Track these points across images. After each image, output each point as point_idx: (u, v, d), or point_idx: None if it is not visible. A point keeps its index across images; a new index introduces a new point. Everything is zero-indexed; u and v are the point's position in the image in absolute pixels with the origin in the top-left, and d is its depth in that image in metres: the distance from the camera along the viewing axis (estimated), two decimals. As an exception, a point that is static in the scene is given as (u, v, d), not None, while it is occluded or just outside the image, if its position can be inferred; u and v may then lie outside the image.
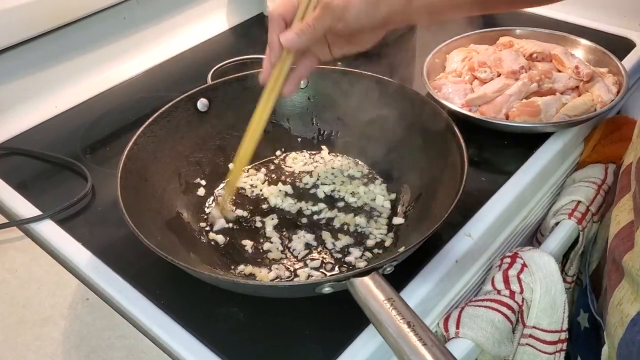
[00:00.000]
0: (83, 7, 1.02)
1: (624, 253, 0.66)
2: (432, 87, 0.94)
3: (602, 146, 0.95)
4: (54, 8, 0.98)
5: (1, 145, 0.96)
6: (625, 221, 0.69)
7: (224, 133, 0.88)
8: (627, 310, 0.65)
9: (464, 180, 0.68)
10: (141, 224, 0.66)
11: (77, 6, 1.01)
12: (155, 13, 1.15)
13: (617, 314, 0.67)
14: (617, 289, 0.67)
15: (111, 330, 0.66)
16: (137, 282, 0.70)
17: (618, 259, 0.67)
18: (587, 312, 0.78)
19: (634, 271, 0.63)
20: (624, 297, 0.66)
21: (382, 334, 0.53)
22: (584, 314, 0.79)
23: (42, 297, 0.70)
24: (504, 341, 0.70)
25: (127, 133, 0.90)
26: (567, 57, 0.96)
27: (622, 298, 0.66)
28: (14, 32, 0.95)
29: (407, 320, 0.52)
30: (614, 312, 0.68)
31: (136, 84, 1.10)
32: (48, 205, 0.81)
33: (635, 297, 0.64)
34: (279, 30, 0.67)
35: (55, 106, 1.03)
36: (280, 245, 0.76)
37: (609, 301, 0.69)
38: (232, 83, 0.88)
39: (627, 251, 0.65)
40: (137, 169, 0.75)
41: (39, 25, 0.97)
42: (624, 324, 0.65)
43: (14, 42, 0.96)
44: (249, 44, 1.20)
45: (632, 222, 0.67)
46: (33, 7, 0.95)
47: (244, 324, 0.66)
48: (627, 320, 0.65)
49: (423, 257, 0.71)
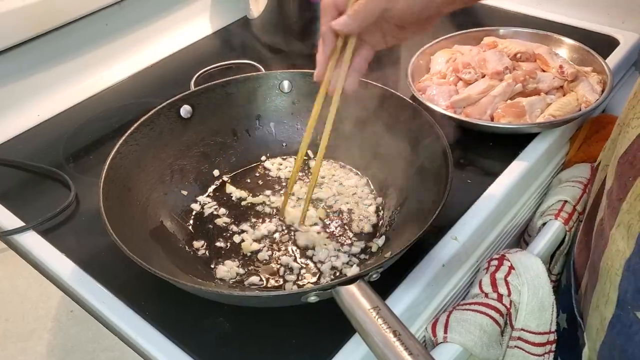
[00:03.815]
0: (64, 14, 1.00)
1: (601, 252, 0.66)
2: (416, 89, 0.93)
3: (588, 145, 0.96)
4: (34, 15, 0.96)
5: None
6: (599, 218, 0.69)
7: (207, 139, 0.87)
8: (604, 313, 0.65)
9: (449, 183, 0.67)
10: (124, 234, 0.65)
11: (58, 13, 0.99)
12: (137, 19, 1.14)
13: (597, 315, 0.67)
14: (595, 290, 0.67)
15: (96, 343, 0.65)
16: (122, 294, 0.70)
17: (596, 259, 0.67)
18: (565, 312, 0.78)
19: (612, 270, 0.63)
20: (600, 299, 0.66)
21: (368, 343, 0.53)
22: (563, 314, 0.79)
23: (26, 310, 0.70)
24: (492, 344, 0.70)
25: (111, 141, 0.89)
26: (551, 57, 0.96)
27: (598, 299, 0.66)
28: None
29: (393, 329, 0.52)
30: (593, 314, 0.68)
31: (119, 91, 1.09)
32: (31, 216, 0.80)
33: (608, 298, 0.64)
34: (332, 19, 0.65)
35: (38, 115, 1.01)
36: (267, 253, 0.75)
37: (589, 302, 0.69)
38: (215, 89, 0.87)
39: (603, 249, 0.65)
40: (121, 178, 0.74)
41: (19, 33, 0.96)
42: (605, 327, 0.65)
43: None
44: (232, 49, 1.19)
45: (603, 220, 0.67)
46: (13, 15, 0.93)
47: (230, 334, 0.65)
48: (606, 323, 0.65)
49: (410, 261, 0.71)
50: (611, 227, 0.64)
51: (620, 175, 0.63)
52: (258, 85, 0.88)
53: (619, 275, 0.62)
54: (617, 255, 0.62)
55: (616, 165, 0.65)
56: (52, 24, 1.00)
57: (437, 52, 1.03)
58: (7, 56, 0.97)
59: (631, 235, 0.60)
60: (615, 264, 0.63)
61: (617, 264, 0.62)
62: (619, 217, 0.62)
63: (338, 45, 0.67)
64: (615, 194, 0.64)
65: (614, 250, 0.63)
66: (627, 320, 0.62)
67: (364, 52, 0.69)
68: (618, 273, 0.62)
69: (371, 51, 0.69)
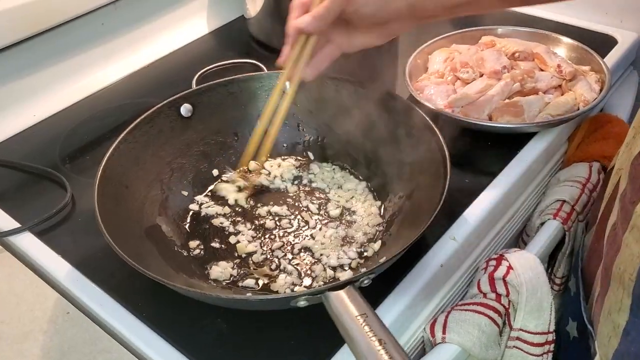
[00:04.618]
0: (60, 14, 1.00)
1: (614, 257, 0.65)
2: (414, 88, 0.93)
3: (587, 144, 0.95)
4: (30, 15, 0.96)
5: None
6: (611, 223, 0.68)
7: (208, 139, 0.86)
8: (617, 320, 0.64)
9: (447, 184, 0.67)
10: (119, 234, 0.65)
11: (53, 13, 0.99)
12: (133, 18, 1.13)
13: (608, 323, 0.66)
14: (607, 297, 0.66)
15: (93, 345, 0.65)
16: (118, 294, 0.69)
17: (609, 264, 0.66)
18: (575, 320, 0.77)
19: (626, 276, 0.62)
20: (612, 306, 0.65)
21: (353, 351, 0.52)
22: (573, 322, 0.78)
23: (22, 311, 0.69)
24: (491, 345, 0.70)
25: (108, 141, 0.88)
26: (549, 56, 0.96)
27: (610, 306, 0.65)
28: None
29: (379, 338, 0.51)
30: (605, 322, 0.66)
31: (116, 91, 1.08)
32: (27, 217, 0.79)
33: (621, 305, 0.63)
34: (299, 16, 0.70)
35: (34, 115, 1.01)
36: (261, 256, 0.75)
37: (600, 309, 0.68)
38: (216, 88, 0.87)
39: (615, 254, 0.64)
40: (118, 176, 0.74)
41: (15, 33, 0.96)
42: (618, 334, 0.64)
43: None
44: (230, 48, 1.19)
45: (615, 224, 0.66)
46: (8, 15, 0.93)
47: (227, 335, 0.65)
48: (619, 331, 0.63)
49: (408, 262, 0.71)
50: (624, 231, 0.63)
51: (635, 178, 0.62)
52: (260, 85, 0.88)
53: (632, 280, 0.61)
54: (631, 260, 0.61)
55: (630, 168, 0.64)
56: (48, 24, 0.99)
57: (435, 51, 1.03)
58: (3, 56, 0.97)
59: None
60: (628, 269, 0.61)
61: (630, 269, 0.61)
62: (632, 220, 0.61)
63: (301, 40, 0.72)
64: (629, 196, 0.63)
65: (627, 255, 0.62)
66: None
67: (327, 50, 0.74)
68: (632, 278, 0.61)
69: (336, 51, 0.74)
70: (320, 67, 0.75)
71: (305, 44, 0.72)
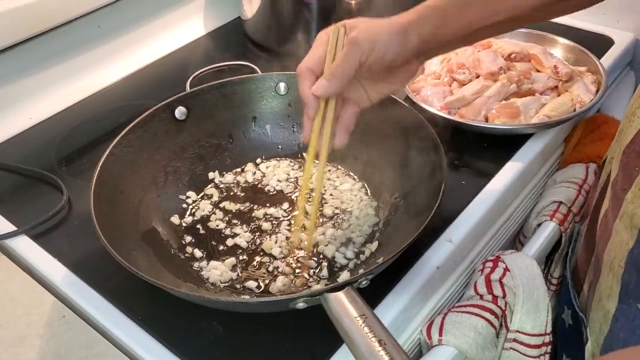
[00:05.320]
0: (56, 16, 1.00)
1: (605, 245, 0.66)
2: (410, 90, 0.93)
3: (583, 145, 0.95)
4: (26, 17, 0.96)
5: (-26, 160, 0.94)
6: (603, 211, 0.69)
7: (202, 141, 0.86)
8: (607, 307, 0.65)
9: (443, 185, 0.67)
10: (116, 238, 0.65)
11: (50, 15, 0.99)
12: (129, 20, 1.13)
13: (599, 310, 0.67)
14: (598, 284, 0.67)
15: (89, 349, 0.65)
16: (114, 298, 0.69)
17: (600, 252, 0.67)
18: (570, 308, 0.78)
19: (615, 262, 0.63)
20: (603, 293, 0.66)
21: (353, 352, 0.52)
22: (568, 310, 0.78)
23: (18, 315, 0.69)
24: (487, 347, 0.70)
25: (104, 143, 0.87)
26: (546, 57, 0.96)
27: (601, 293, 0.66)
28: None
29: (378, 338, 0.51)
30: (597, 309, 0.68)
31: (112, 93, 1.08)
32: (23, 220, 0.79)
33: (610, 292, 0.63)
34: (310, 83, 0.64)
35: (30, 117, 1.01)
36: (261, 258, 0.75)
37: (592, 297, 0.69)
38: (210, 90, 0.87)
39: (606, 242, 0.65)
40: (113, 181, 0.74)
41: (11, 35, 0.95)
42: (608, 321, 0.65)
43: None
44: (226, 49, 1.19)
45: (607, 212, 0.66)
46: (4, 17, 0.93)
47: (223, 338, 0.65)
48: (609, 317, 0.64)
49: (404, 264, 0.71)
50: (615, 219, 0.64)
51: (626, 165, 0.63)
52: (254, 87, 0.88)
53: (621, 267, 0.62)
54: (620, 247, 0.62)
55: (622, 156, 0.65)
56: (44, 26, 0.99)
57: (432, 52, 1.03)
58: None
59: (634, 225, 0.60)
60: (618, 256, 0.62)
61: (620, 256, 0.62)
62: (622, 207, 0.62)
63: (321, 106, 0.66)
64: (620, 184, 0.63)
65: (617, 242, 0.63)
66: (630, 314, 0.62)
67: (349, 109, 0.69)
68: (621, 265, 0.62)
69: (356, 107, 0.69)
70: (349, 130, 0.69)
71: (326, 109, 0.66)
